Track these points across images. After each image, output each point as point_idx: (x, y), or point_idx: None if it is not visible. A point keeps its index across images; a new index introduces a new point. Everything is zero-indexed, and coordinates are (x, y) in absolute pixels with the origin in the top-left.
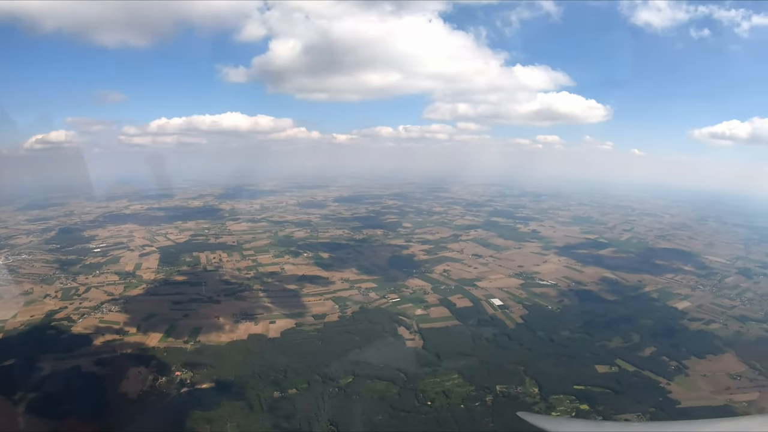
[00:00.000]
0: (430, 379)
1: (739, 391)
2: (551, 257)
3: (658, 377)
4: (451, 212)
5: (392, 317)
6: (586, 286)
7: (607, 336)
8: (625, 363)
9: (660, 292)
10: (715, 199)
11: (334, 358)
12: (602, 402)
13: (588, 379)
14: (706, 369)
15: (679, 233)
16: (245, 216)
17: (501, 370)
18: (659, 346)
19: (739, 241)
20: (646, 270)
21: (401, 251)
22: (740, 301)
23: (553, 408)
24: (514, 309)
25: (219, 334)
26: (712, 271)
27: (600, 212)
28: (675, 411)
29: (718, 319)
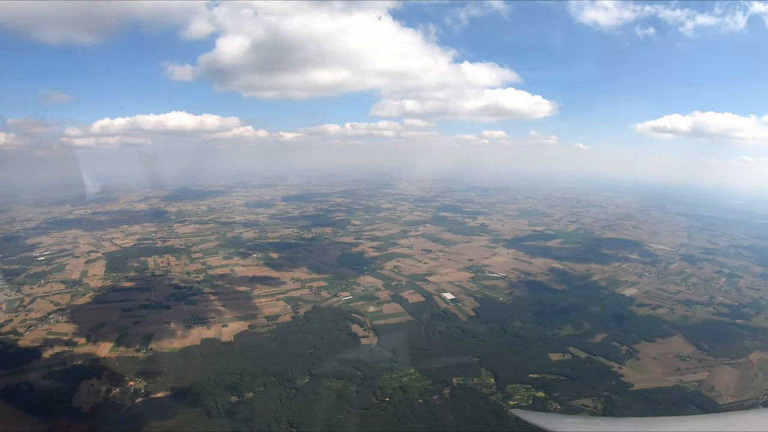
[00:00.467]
0: (387, 375)
1: (689, 371)
2: (500, 250)
3: (610, 362)
4: (399, 208)
5: (345, 315)
6: (535, 277)
7: (558, 325)
8: (577, 350)
9: (608, 280)
10: (657, 190)
11: (290, 358)
12: (558, 389)
13: (542, 367)
14: (656, 352)
15: (624, 223)
16: (192, 218)
17: (456, 362)
18: (610, 332)
19: (681, 229)
20: (594, 259)
21: (351, 249)
22: (685, 286)
23: (510, 397)
24: (465, 302)
25: (171, 340)
26: (657, 258)
27: (546, 205)
28: (629, 394)
29: (665, 304)
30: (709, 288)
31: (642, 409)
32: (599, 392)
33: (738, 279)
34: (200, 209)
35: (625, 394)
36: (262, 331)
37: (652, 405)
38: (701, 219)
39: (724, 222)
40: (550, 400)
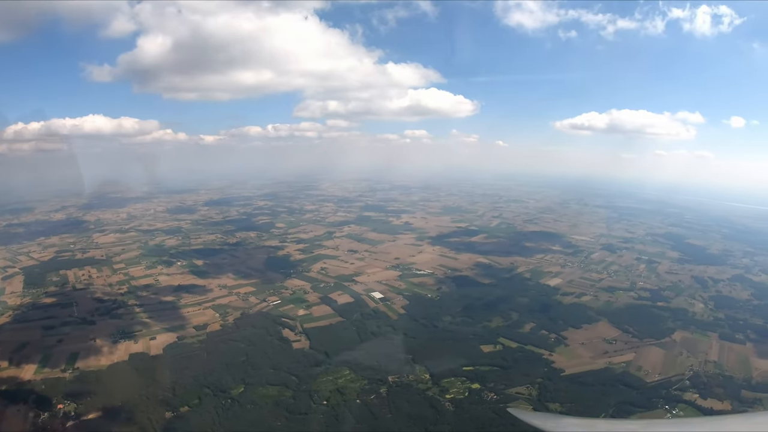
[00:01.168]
0: (323, 378)
1: (616, 354)
2: (425, 247)
3: (540, 350)
4: (323, 209)
5: (275, 320)
6: (461, 272)
7: (487, 317)
8: (507, 340)
9: (532, 272)
10: (576, 184)
11: (223, 368)
12: (492, 379)
13: (475, 359)
14: (583, 337)
15: (545, 216)
16: (112, 226)
17: (390, 360)
18: (537, 321)
19: (600, 221)
20: (517, 252)
21: (277, 252)
22: (607, 274)
23: (446, 391)
24: (395, 300)
25: (98, 357)
26: (578, 249)
27: (469, 201)
28: (561, 379)
29: (589, 292)
30: (630, 274)
31: (575, 392)
32: (532, 380)
33: (656, 265)
34: (120, 217)
35: (557, 379)
36: (191, 341)
37: (584, 388)
38: (619, 210)
39: (640, 212)
40: (485, 391)
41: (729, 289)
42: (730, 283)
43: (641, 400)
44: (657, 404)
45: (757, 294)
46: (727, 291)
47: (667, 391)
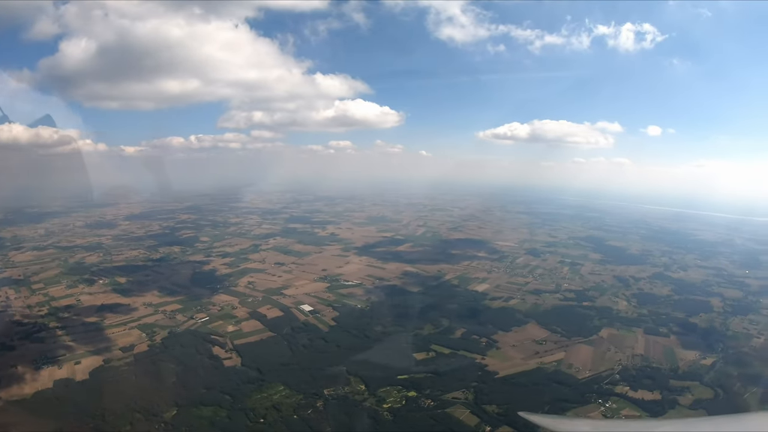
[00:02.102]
0: (257, 396)
1: (547, 353)
2: (352, 258)
3: (473, 354)
4: (248, 222)
5: (204, 338)
6: (390, 281)
7: (418, 325)
8: (440, 347)
9: (460, 279)
10: (499, 192)
11: (153, 391)
12: (428, 386)
13: (409, 367)
14: (513, 340)
15: (470, 224)
16: (29, 243)
17: (324, 373)
18: (468, 326)
19: (523, 226)
20: (444, 260)
21: (202, 267)
22: (532, 278)
23: (384, 400)
24: (325, 312)
25: (21, 386)
26: (503, 254)
27: (394, 211)
28: (495, 381)
29: (516, 296)
30: (555, 277)
31: (510, 393)
32: (467, 384)
33: (580, 266)
34: (37, 233)
35: (491, 382)
36: (118, 364)
37: (519, 388)
38: (541, 216)
39: (561, 217)
40: (422, 398)
41: (650, 286)
42: (650, 281)
43: (575, 396)
44: (590, 399)
45: (676, 290)
46: (648, 288)
47: (599, 385)
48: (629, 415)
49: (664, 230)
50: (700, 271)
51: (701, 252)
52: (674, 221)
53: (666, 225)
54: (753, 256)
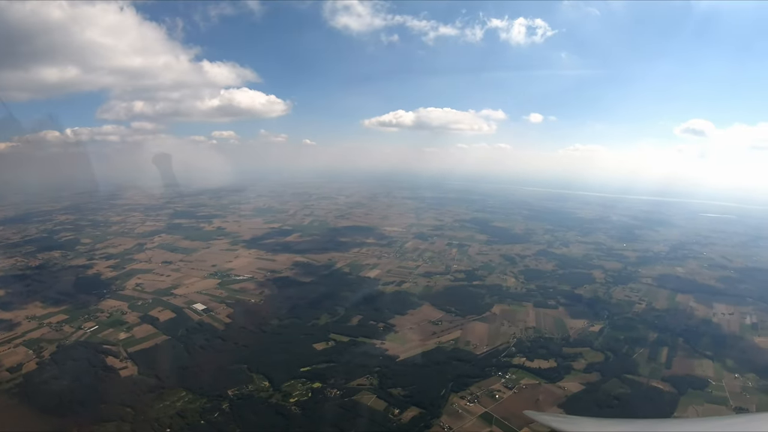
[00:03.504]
0: (159, 405)
1: (443, 333)
2: (241, 251)
3: (372, 340)
4: (130, 220)
5: (96, 348)
6: (281, 273)
7: (315, 315)
8: (339, 335)
9: (351, 266)
10: (384, 179)
11: (48, 413)
12: (331, 376)
13: (310, 359)
14: (410, 322)
15: (357, 211)
16: None
17: (226, 374)
18: (364, 313)
19: (410, 211)
20: (334, 248)
21: (86, 272)
22: (422, 261)
23: (289, 395)
24: (218, 310)
25: None
26: (392, 240)
27: (280, 201)
28: (397, 365)
29: (408, 279)
30: (444, 259)
31: (413, 374)
32: (371, 370)
33: (467, 248)
34: None
35: (394, 366)
36: (7, 387)
37: (421, 369)
38: (426, 200)
39: (446, 201)
40: (328, 388)
41: (535, 262)
42: (535, 258)
43: (475, 371)
44: (490, 372)
45: (560, 264)
46: (534, 265)
47: (497, 359)
48: (529, 384)
49: (545, 210)
50: (581, 246)
51: (581, 229)
52: (554, 201)
53: (547, 205)
54: (629, 230)
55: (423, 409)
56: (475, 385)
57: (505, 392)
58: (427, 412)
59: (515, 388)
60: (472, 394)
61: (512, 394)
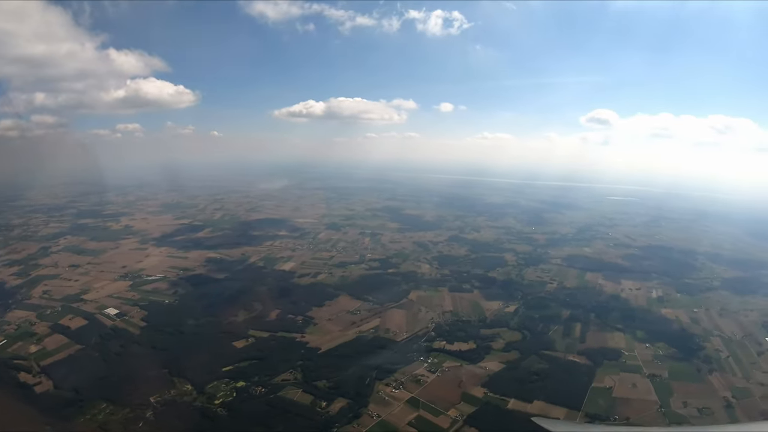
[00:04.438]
0: (80, 419)
1: (363, 322)
2: (152, 250)
3: (292, 334)
4: (32, 222)
5: (7, 364)
6: (194, 270)
7: (232, 312)
8: (258, 332)
9: (265, 260)
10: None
11: None
12: (255, 373)
13: (232, 357)
14: (328, 314)
15: (267, 204)
16: None
17: (146, 380)
18: (282, 307)
19: (321, 202)
20: (246, 242)
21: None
22: (336, 251)
23: (214, 397)
24: (132, 314)
25: None
26: (305, 231)
27: (188, 196)
28: (320, 357)
29: (323, 270)
30: (358, 248)
31: (337, 365)
32: (293, 364)
33: (380, 236)
34: None
35: (316, 358)
36: None
37: (344, 359)
38: (337, 191)
39: (357, 190)
40: (252, 387)
41: (448, 248)
42: (448, 244)
43: (398, 358)
44: (413, 358)
45: (472, 249)
46: (447, 250)
47: (418, 344)
48: (451, 366)
49: (455, 197)
50: (491, 230)
51: (491, 214)
52: (464, 188)
53: (456, 192)
54: (537, 214)
55: (350, 399)
56: (399, 372)
57: (428, 376)
58: (354, 401)
59: (438, 372)
60: (397, 380)
61: (436, 378)
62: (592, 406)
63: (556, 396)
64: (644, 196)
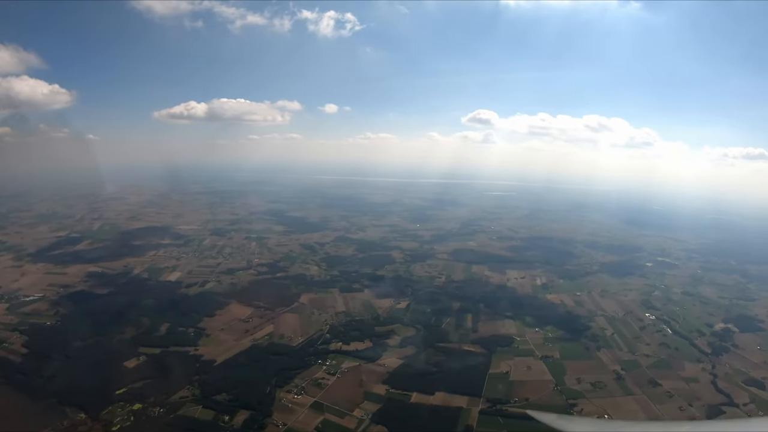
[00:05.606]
0: None
1: (256, 330)
2: (28, 267)
3: (185, 348)
4: None
5: None
6: (75, 287)
7: (119, 330)
8: (149, 348)
9: (149, 271)
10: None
11: None
12: (150, 393)
13: (124, 378)
14: (220, 323)
15: (149, 211)
16: None
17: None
18: (171, 320)
19: (203, 207)
20: (129, 253)
21: None
22: (223, 258)
23: (111, 424)
24: (12, 340)
25: None
26: (189, 238)
27: (65, 205)
28: (216, 369)
29: (211, 278)
30: (245, 253)
31: (235, 376)
32: (190, 379)
33: (266, 240)
34: None
35: (213, 371)
36: None
37: (242, 369)
38: (220, 195)
39: (240, 194)
40: (149, 408)
41: (335, 249)
42: (335, 244)
43: (295, 363)
44: (311, 362)
45: (360, 248)
46: (334, 251)
47: (314, 348)
48: (350, 367)
49: (339, 197)
50: (377, 229)
51: (375, 213)
52: (347, 188)
53: (340, 192)
54: (420, 211)
55: (253, 411)
56: (299, 377)
57: (329, 379)
58: (258, 412)
59: (338, 373)
60: (298, 386)
61: (336, 380)
62: (491, 392)
63: (457, 385)
64: (523, 191)
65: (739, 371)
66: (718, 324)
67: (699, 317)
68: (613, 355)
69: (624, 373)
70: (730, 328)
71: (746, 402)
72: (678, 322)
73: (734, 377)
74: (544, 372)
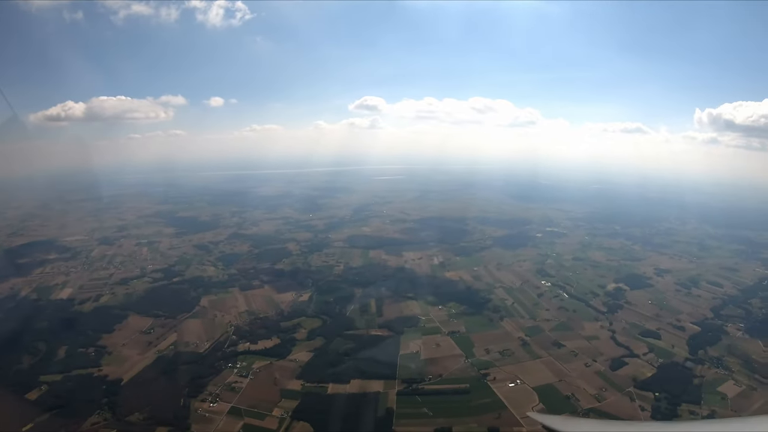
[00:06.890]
0: None
1: (159, 340)
2: None
3: (88, 370)
4: None
5: None
6: None
7: (14, 360)
8: (50, 376)
9: (38, 291)
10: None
11: None
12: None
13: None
14: (121, 338)
15: (30, 224)
16: None
17: None
18: (69, 341)
19: (89, 215)
20: (13, 274)
21: None
22: (114, 268)
23: None
24: None
25: None
26: (76, 251)
27: None
28: (125, 388)
29: (105, 291)
30: (137, 261)
31: (145, 394)
32: (99, 403)
33: (158, 244)
34: None
35: (121, 390)
36: None
37: (150, 384)
38: (104, 200)
39: (125, 197)
40: None
41: (230, 247)
42: (229, 242)
43: (206, 370)
44: (221, 367)
45: (255, 244)
46: (230, 249)
47: (222, 351)
48: (261, 366)
49: (227, 193)
50: (270, 223)
51: (267, 206)
52: (235, 183)
53: (228, 188)
54: (312, 201)
55: (170, 426)
56: (212, 384)
57: (242, 381)
58: (175, 427)
59: (250, 375)
60: (212, 393)
61: (250, 381)
62: (405, 372)
63: (371, 371)
64: (412, 173)
65: (635, 325)
66: (610, 284)
67: (592, 280)
68: (516, 323)
69: (529, 339)
70: (622, 287)
71: (645, 352)
72: (573, 286)
73: (631, 331)
74: (453, 347)
